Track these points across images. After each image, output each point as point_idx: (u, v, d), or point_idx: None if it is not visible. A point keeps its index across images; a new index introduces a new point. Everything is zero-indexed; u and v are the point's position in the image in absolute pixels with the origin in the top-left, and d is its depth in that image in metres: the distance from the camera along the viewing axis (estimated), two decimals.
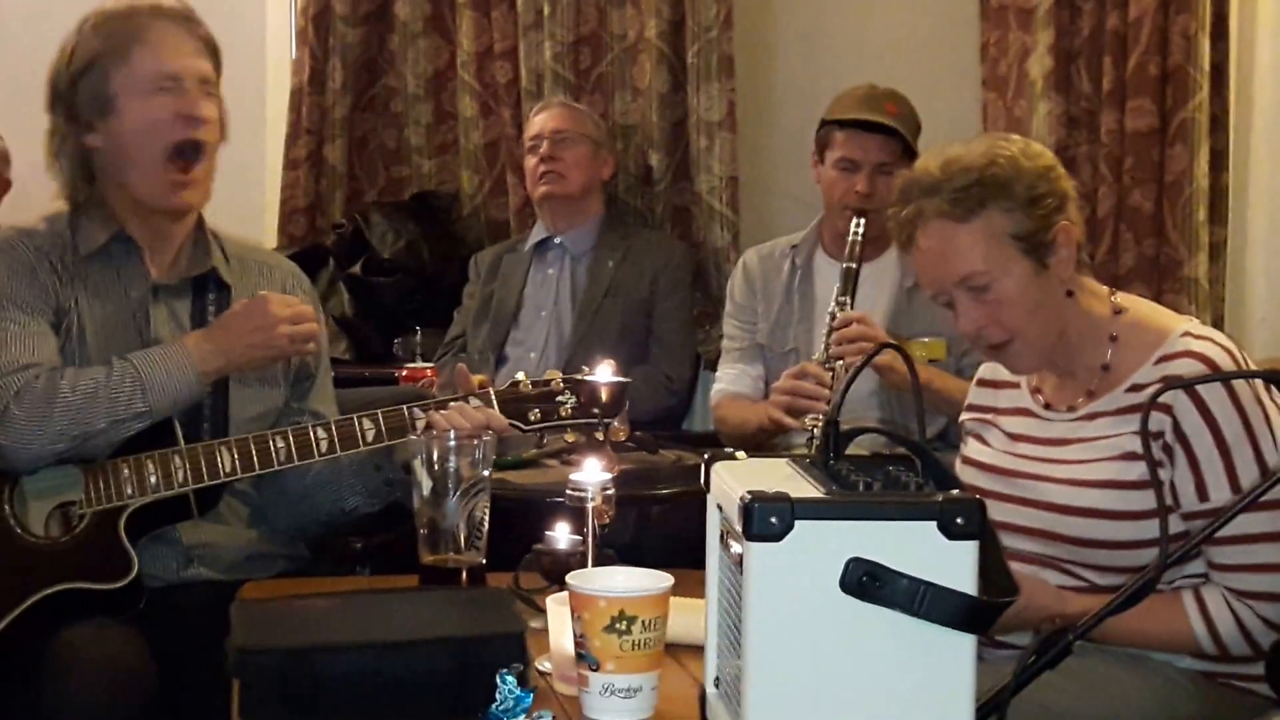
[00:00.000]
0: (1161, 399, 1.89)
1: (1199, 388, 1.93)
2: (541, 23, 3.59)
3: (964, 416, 2.27)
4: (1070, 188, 2.04)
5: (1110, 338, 2.08)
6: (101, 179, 2.38)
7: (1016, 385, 2.22)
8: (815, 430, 2.70)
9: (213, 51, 2.41)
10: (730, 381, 3.07)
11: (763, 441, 2.83)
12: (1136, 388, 1.98)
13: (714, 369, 3.18)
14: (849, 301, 2.82)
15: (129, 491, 2.31)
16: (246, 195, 2.88)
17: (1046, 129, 3.40)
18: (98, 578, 2.31)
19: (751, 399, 2.95)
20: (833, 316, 2.79)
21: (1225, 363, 1.94)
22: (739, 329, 3.08)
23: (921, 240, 2.03)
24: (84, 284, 2.46)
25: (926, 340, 2.97)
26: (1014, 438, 2.17)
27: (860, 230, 2.87)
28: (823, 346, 2.78)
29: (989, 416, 2.23)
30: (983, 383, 2.25)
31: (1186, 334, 1.97)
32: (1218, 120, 3.50)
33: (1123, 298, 2.09)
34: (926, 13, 4.01)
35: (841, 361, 2.75)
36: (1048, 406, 2.15)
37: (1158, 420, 1.97)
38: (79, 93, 2.40)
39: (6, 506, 2.29)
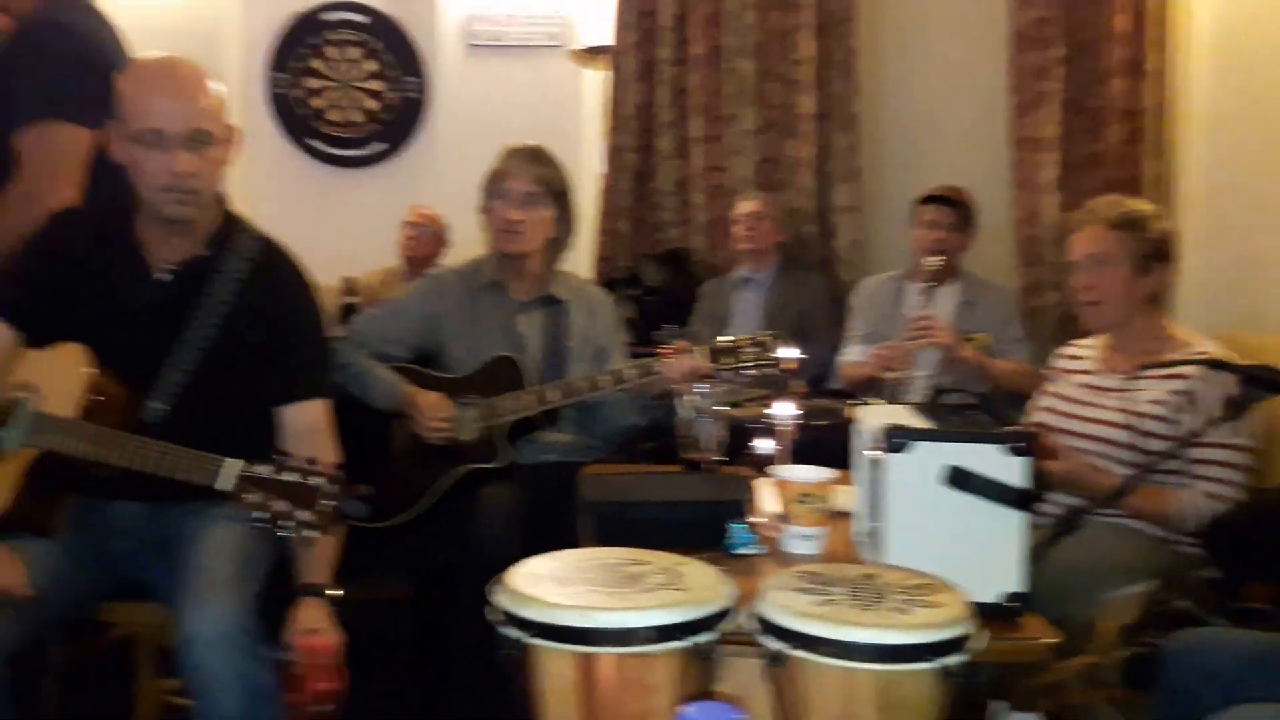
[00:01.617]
0: (1193, 365, 2.06)
1: (1210, 370, 2.02)
2: (743, 148, 4.09)
3: (1050, 370, 2.41)
4: (1176, 250, 2.24)
5: (1159, 336, 2.20)
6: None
7: (1084, 359, 2.32)
8: (894, 379, 2.95)
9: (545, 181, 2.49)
10: (851, 354, 3.27)
11: (865, 386, 3.07)
12: (1167, 364, 2.09)
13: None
14: (926, 307, 3.04)
15: (504, 410, 2.37)
16: (578, 250, 3.00)
17: None
18: (488, 461, 2.37)
19: (861, 363, 3.15)
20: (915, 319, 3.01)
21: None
22: (857, 324, 3.32)
23: (1087, 229, 2.21)
24: (471, 303, 2.49)
25: (979, 335, 3.06)
26: (1081, 386, 2.27)
27: (935, 264, 3.09)
28: (904, 335, 3.00)
29: (1064, 373, 2.34)
30: (1062, 355, 2.39)
31: (1204, 348, 2.14)
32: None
33: (1171, 323, 2.26)
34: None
35: (914, 341, 2.94)
36: (1104, 373, 2.24)
37: (1184, 383, 2.08)
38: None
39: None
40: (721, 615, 1.19)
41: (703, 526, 1.73)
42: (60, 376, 1.79)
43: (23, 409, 1.79)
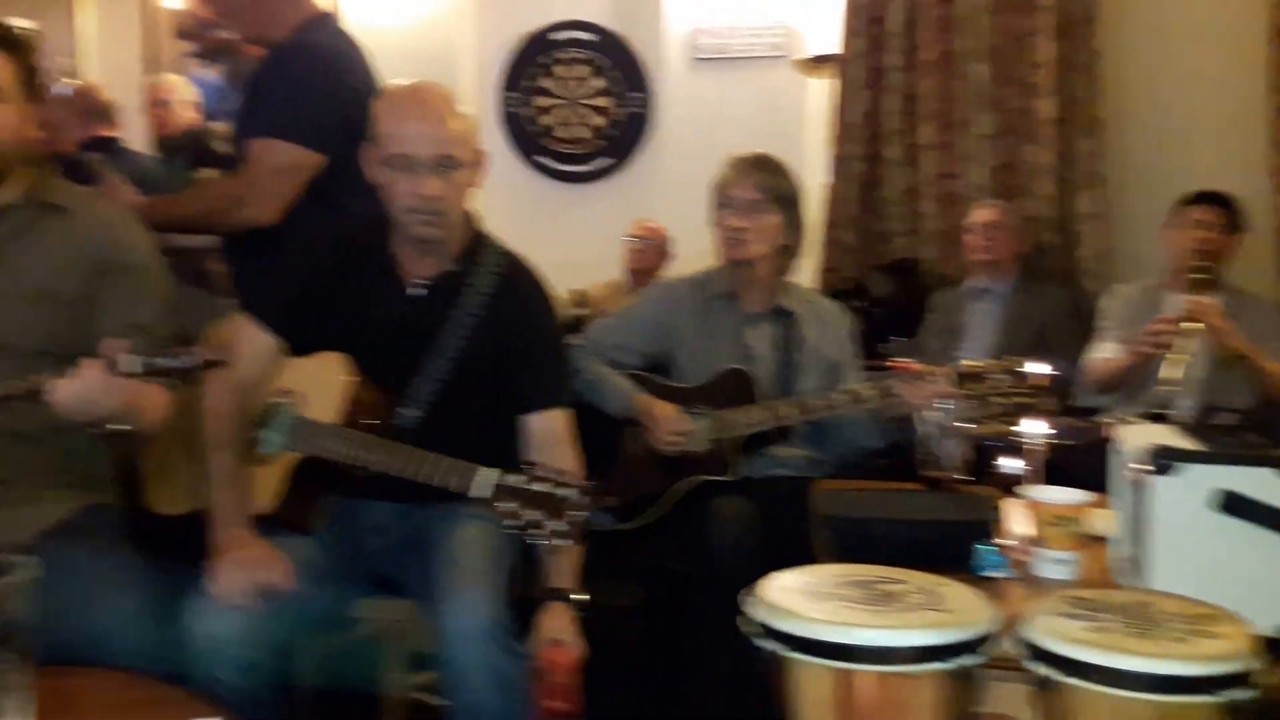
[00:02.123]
0: None
1: None
2: (978, 155, 3.99)
3: None
4: None
5: None
6: None
7: None
8: (1162, 386, 2.72)
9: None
10: (1102, 351, 3.10)
11: (1116, 382, 2.96)
12: None
13: None
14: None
15: (736, 424, 2.37)
16: (802, 261, 2.98)
17: None
18: (719, 473, 2.37)
19: (1114, 358, 3.01)
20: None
21: None
22: (1110, 323, 3.16)
23: None
24: (703, 313, 2.51)
25: None
26: None
27: (1203, 266, 2.96)
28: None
29: None
30: None
31: None
32: None
33: None
34: None
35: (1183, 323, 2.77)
36: None
37: None
38: None
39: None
40: (985, 639, 1.16)
41: (947, 547, 1.70)
42: (321, 384, 1.93)
43: (285, 413, 1.94)
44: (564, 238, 4.58)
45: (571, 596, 1.82)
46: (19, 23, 3.02)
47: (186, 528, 1.98)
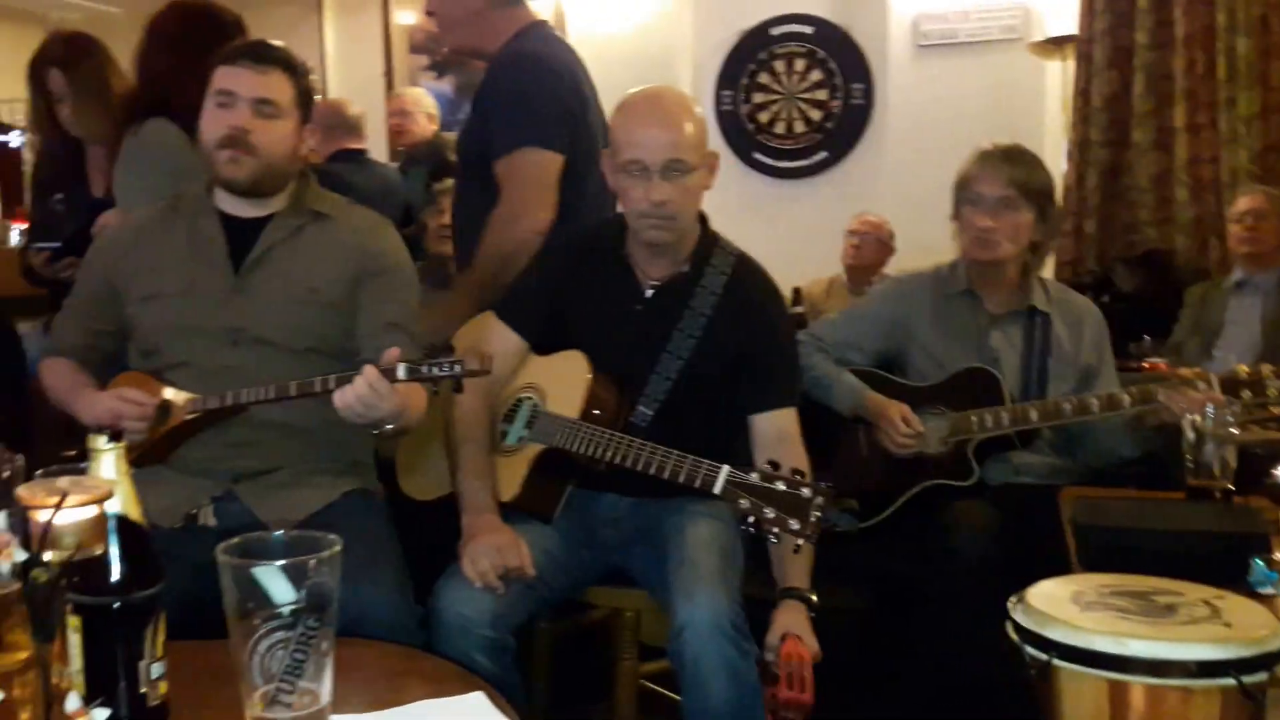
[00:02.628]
0: None
1: None
2: (1240, 137, 3.73)
3: None
4: None
5: None
6: None
7: None
8: None
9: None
10: None
11: None
12: None
13: None
14: None
15: (976, 427, 2.29)
16: None
17: None
18: (955, 478, 2.31)
19: None
20: None
21: None
22: None
23: None
24: (941, 311, 2.45)
25: None
26: None
27: None
28: None
29: None
30: None
31: None
32: None
33: None
34: None
35: None
36: None
37: None
38: None
39: None
40: (1275, 656, 1.09)
41: (1216, 560, 1.59)
42: (564, 380, 2.01)
43: (527, 408, 2.04)
44: (780, 234, 4.56)
45: (807, 595, 1.82)
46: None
47: (436, 513, 2.13)
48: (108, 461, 0.99)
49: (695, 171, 1.92)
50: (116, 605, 0.96)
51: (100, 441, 0.99)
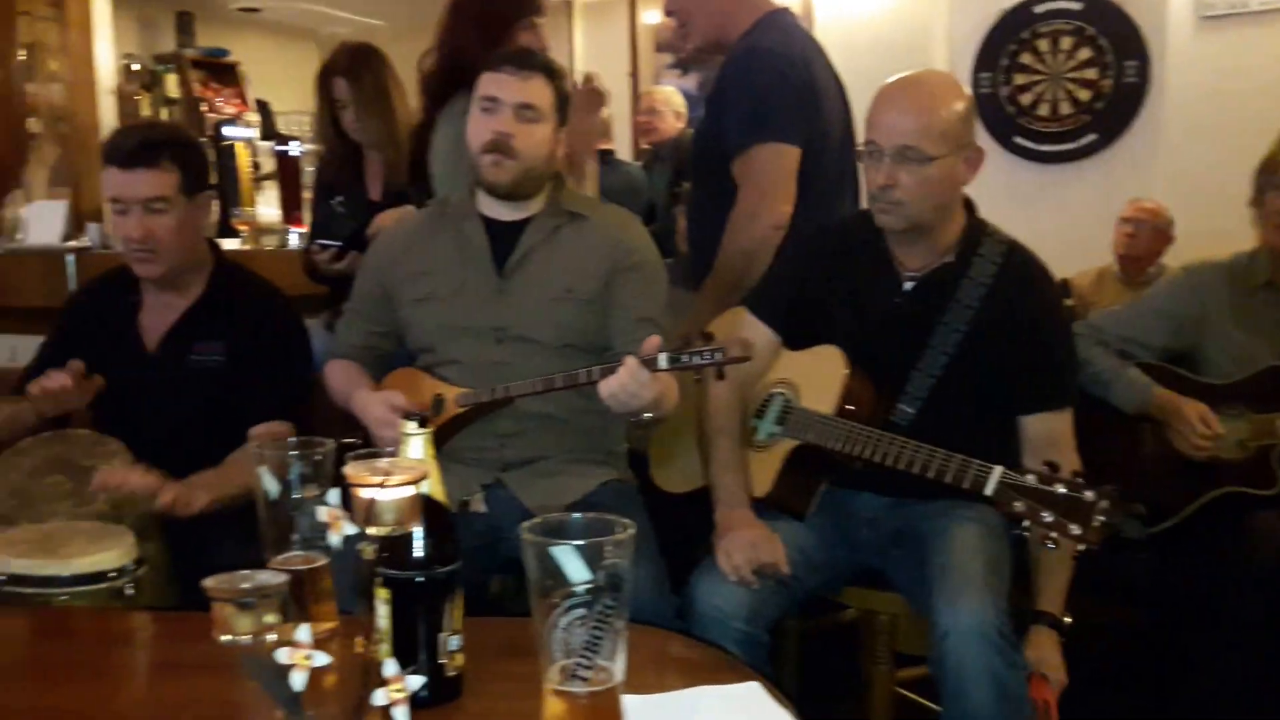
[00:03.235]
0: None
1: None
2: None
3: None
4: None
5: None
6: None
7: None
8: None
9: None
10: None
11: None
12: None
13: None
14: None
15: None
16: None
17: None
18: (1255, 485, 2.20)
19: None
20: None
21: None
22: None
23: None
24: (1241, 304, 2.34)
25: None
26: None
27: None
28: None
29: None
30: None
31: None
32: None
33: None
34: None
35: None
36: None
37: None
38: None
39: None
40: None
41: None
42: (818, 376, 2.01)
43: (779, 403, 2.06)
44: (1043, 222, 4.32)
45: (1061, 620, 1.78)
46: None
47: (688, 506, 2.20)
48: (416, 445, 1.10)
49: (936, 161, 1.87)
50: (421, 579, 1.06)
51: (410, 427, 1.10)
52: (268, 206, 4.74)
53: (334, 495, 0.95)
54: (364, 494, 0.94)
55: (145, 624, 1.61)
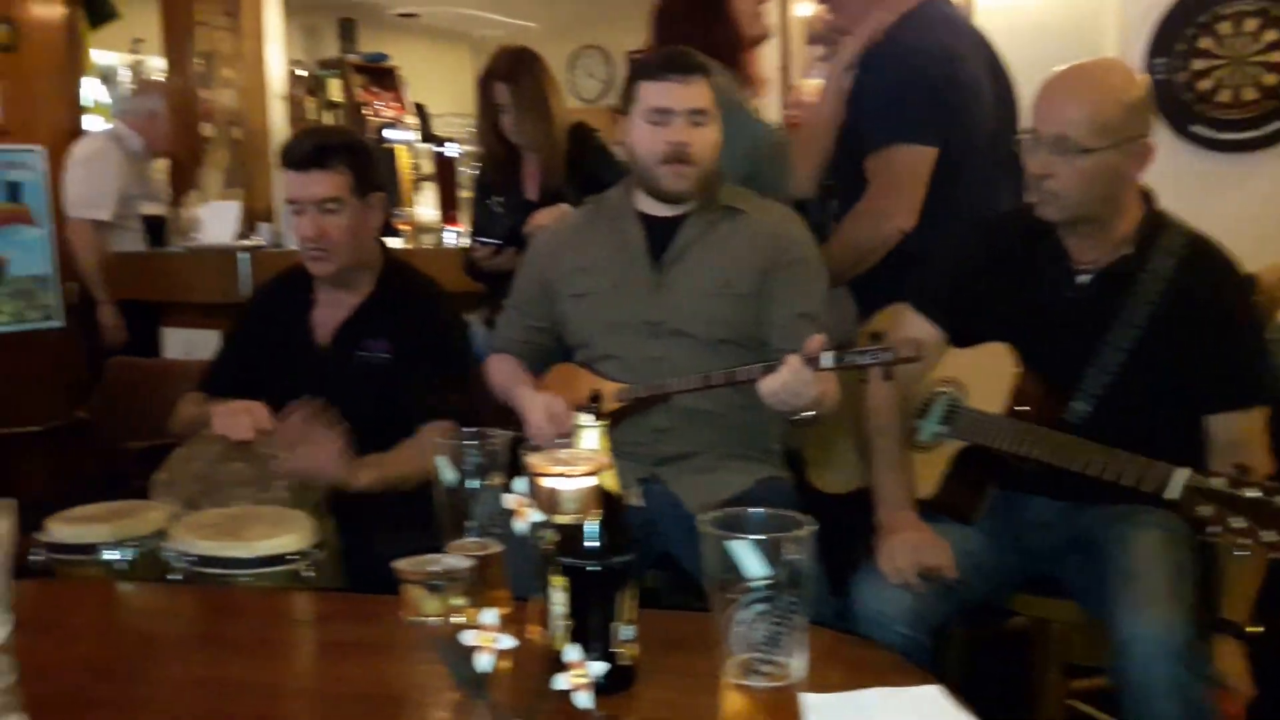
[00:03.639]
0: None
1: None
2: None
3: None
4: None
5: None
6: None
7: None
8: None
9: None
10: None
11: None
12: None
13: None
14: None
15: None
16: None
17: None
18: None
19: None
20: None
21: None
22: None
23: None
24: None
25: None
26: None
27: None
28: None
29: None
30: None
31: None
32: None
33: None
34: None
35: None
36: None
37: None
38: None
39: None
40: None
41: None
42: (986, 374, 1.97)
43: (944, 403, 2.02)
44: (1223, 214, 4.06)
45: (1246, 630, 1.71)
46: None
47: (845, 507, 2.17)
48: (590, 437, 1.12)
49: (1093, 154, 1.80)
50: (598, 568, 1.09)
51: (585, 419, 1.12)
52: (426, 206, 4.92)
53: (520, 484, 0.98)
54: (547, 483, 0.96)
55: (323, 604, 1.69)
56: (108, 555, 1.81)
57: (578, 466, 0.97)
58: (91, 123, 5.14)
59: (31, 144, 4.67)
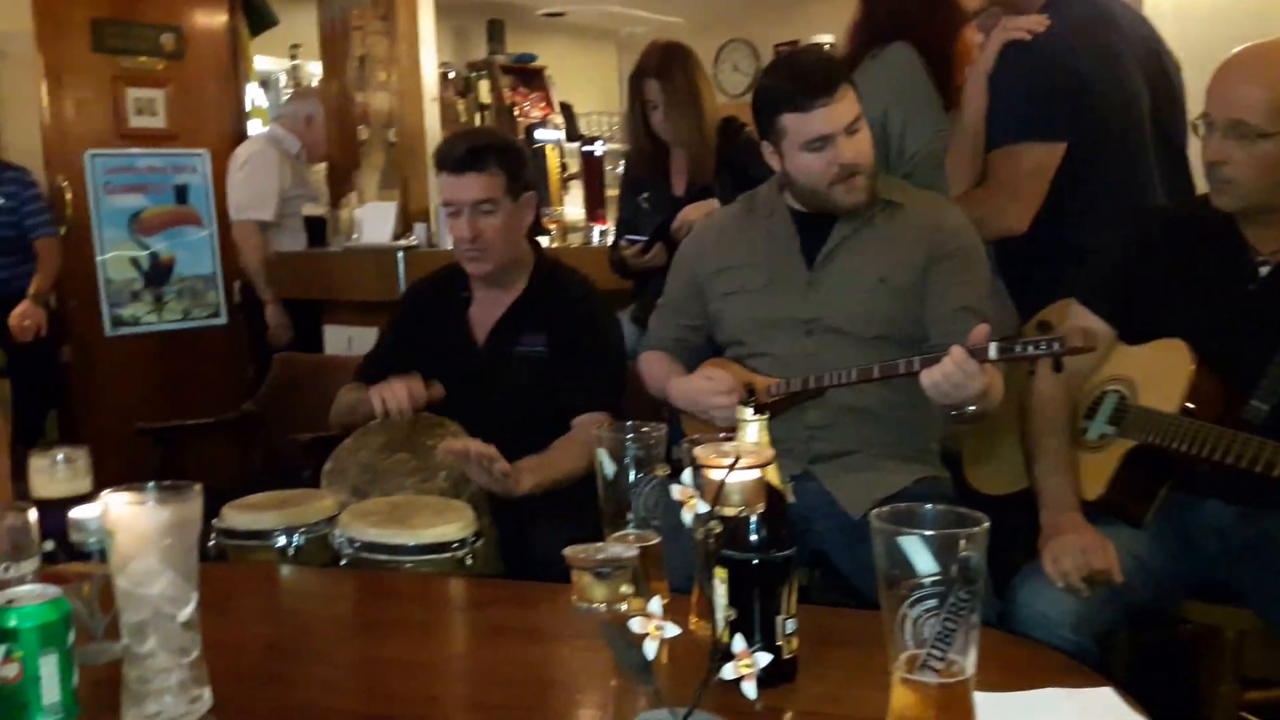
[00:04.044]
0: None
1: None
2: None
3: None
4: None
5: None
6: None
7: None
8: None
9: None
10: None
11: None
12: None
13: None
14: None
15: None
16: None
17: None
18: None
19: None
20: None
21: None
22: None
23: None
24: None
25: None
26: None
27: None
28: None
29: None
30: None
31: None
32: None
33: None
34: None
35: None
36: None
37: None
38: None
39: None
40: None
41: None
42: (1158, 371, 1.91)
43: (1113, 401, 1.96)
44: None
45: None
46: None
47: (1006, 508, 2.12)
48: (752, 431, 1.13)
49: (1272, 138, 1.74)
50: (761, 561, 1.10)
51: (747, 413, 1.14)
52: (572, 205, 5.00)
53: (687, 475, 1.00)
54: (714, 475, 0.98)
55: (484, 590, 1.75)
56: (279, 541, 1.92)
57: (744, 459, 0.99)
58: (253, 127, 5.41)
59: (197, 148, 4.96)
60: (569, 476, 2.16)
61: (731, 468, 0.97)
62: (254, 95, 5.60)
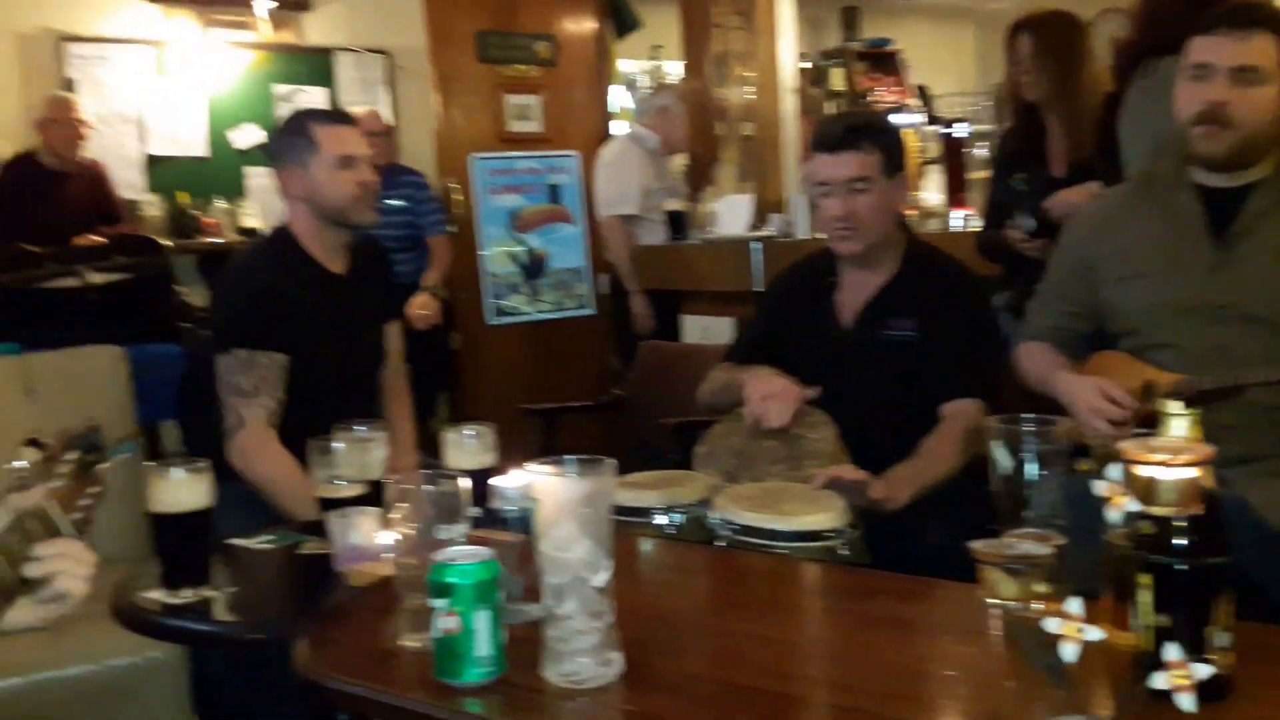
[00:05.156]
0: None
1: None
2: None
3: None
4: None
5: None
6: None
7: None
8: None
9: None
10: None
11: None
12: None
13: None
14: None
15: None
16: None
17: None
18: None
19: None
20: None
21: None
22: None
23: None
24: None
25: None
26: None
27: None
28: None
29: None
30: None
31: None
32: None
33: None
34: None
35: None
36: None
37: None
38: None
39: None
40: None
41: None
42: None
43: None
44: None
45: None
46: None
47: None
48: (1179, 425, 1.05)
49: None
50: (1193, 568, 1.01)
51: (1174, 406, 1.05)
52: (930, 190, 4.88)
53: (1115, 470, 0.94)
54: (1145, 472, 0.91)
55: (861, 580, 1.72)
56: (659, 519, 1.98)
57: (1180, 455, 0.91)
58: (617, 127, 5.68)
59: (568, 150, 5.28)
60: (943, 477, 2.08)
61: (1165, 464, 0.89)
62: (618, 96, 5.88)
